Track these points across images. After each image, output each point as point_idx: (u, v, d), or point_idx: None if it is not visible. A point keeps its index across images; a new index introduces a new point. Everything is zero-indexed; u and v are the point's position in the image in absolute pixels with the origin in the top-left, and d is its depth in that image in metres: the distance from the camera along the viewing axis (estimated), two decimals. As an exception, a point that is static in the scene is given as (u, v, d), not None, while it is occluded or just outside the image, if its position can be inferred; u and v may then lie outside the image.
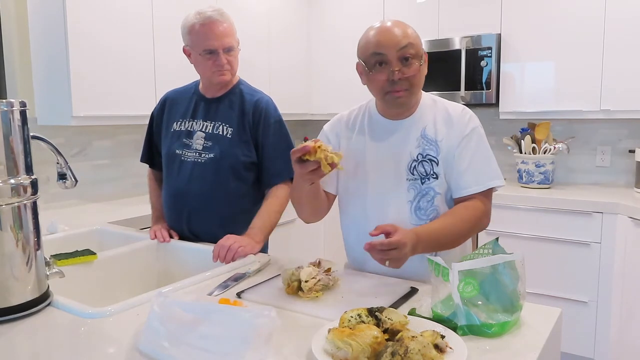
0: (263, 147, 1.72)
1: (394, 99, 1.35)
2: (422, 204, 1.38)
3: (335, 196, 1.54)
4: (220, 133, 1.71)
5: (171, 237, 1.74)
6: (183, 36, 1.70)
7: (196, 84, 1.83)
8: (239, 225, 1.64)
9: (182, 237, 1.75)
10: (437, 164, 1.37)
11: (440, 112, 1.41)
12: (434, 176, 1.37)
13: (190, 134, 1.75)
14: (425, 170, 1.37)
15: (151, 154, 1.90)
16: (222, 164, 1.69)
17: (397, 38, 1.31)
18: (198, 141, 1.72)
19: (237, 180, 1.71)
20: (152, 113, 1.88)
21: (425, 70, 1.38)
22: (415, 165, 1.38)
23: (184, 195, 1.72)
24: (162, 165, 1.82)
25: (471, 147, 1.36)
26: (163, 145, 1.81)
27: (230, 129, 1.71)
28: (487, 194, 1.38)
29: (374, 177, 1.42)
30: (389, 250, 1.13)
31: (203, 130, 1.73)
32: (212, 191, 1.70)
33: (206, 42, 1.63)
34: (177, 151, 1.75)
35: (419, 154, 1.38)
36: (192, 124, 1.75)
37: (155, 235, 1.72)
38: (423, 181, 1.37)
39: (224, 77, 1.69)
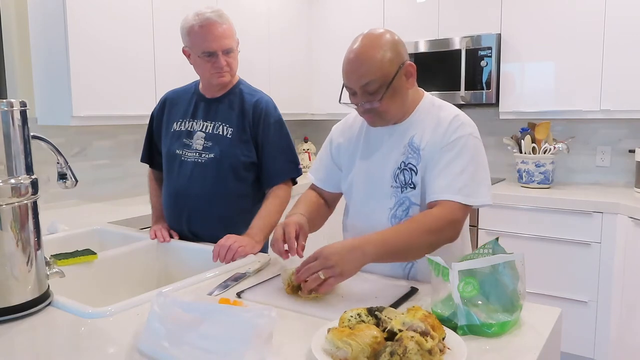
0: (263, 147, 1.72)
1: (369, 123, 1.37)
2: (398, 212, 1.35)
3: (341, 194, 1.54)
4: (220, 133, 1.71)
5: (171, 237, 1.74)
6: (182, 37, 1.70)
7: (196, 84, 1.83)
8: (239, 225, 1.64)
9: (182, 237, 1.75)
10: (416, 174, 1.32)
11: (432, 119, 1.34)
12: (412, 186, 1.33)
13: (190, 134, 1.75)
14: (404, 179, 1.34)
15: (151, 154, 1.90)
16: (222, 164, 1.69)
17: (357, 73, 1.26)
18: (198, 141, 1.72)
19: (237, 180, 1.71)
20: (152, 113, 1.88)
21: (407, 85, 1.31)
22: (398, 173, 1.35)
23: (184, 195, 1.72)
24: (162, 165, 1.82)
25: (450, 155, 1.28)
26: (163, 145, 1.81)
27: (230, 129, 1.71)
28: (457, 205, 1.25)
29: (362, 183, 1.41)
30: (311, 264, 1.12)
31: (203, 130, 1.73)
32: (212, 191, 1.70)
33: (205, 44, 1.63)
34: (177, 151, 1.75)
35: (402, 161, 1.35)
36: (192, 124, 1.75)
37: (155, 235, 1.72)
38: (402, 190, 1.34)
39: (223, 79, 1.69)
